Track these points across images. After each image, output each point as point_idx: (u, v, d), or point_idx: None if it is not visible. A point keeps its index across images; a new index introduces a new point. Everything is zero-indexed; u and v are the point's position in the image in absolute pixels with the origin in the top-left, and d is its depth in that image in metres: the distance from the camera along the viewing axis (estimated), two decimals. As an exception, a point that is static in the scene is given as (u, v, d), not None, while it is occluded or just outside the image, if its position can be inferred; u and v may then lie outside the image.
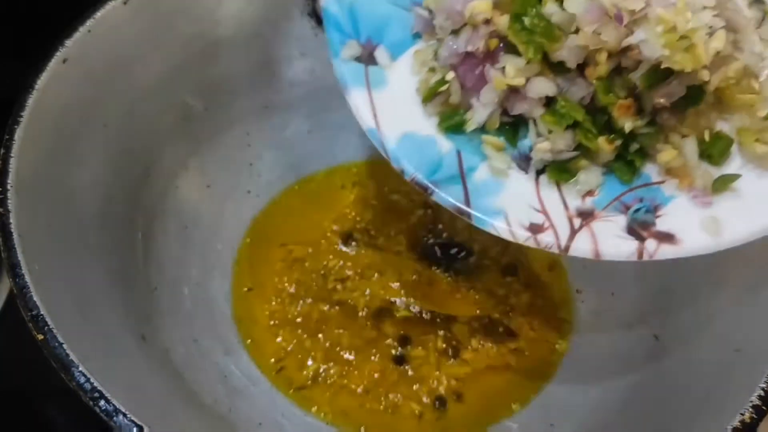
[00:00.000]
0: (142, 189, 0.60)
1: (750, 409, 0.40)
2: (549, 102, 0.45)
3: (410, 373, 0.60)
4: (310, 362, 0.60)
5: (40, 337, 0.39)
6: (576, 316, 0.63)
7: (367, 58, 0.50)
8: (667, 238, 0.44)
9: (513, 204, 0.46)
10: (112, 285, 0.51)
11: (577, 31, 0.41)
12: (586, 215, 0.46)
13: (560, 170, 0.46)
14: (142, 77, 0.57)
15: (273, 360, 0.60)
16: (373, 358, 0.60)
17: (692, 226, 0.43)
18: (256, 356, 0.60)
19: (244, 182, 0.69)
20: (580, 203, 0.46)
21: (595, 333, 0.61)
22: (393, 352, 0.60)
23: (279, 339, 0.61)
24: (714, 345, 0.48)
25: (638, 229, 0.44)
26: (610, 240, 0.44)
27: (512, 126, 0.47)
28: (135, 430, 0.37)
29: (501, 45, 0.45)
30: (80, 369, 0.38)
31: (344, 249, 0.66)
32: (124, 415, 0.38)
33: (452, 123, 0.48)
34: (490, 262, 0.66)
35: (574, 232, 0.45)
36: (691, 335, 0.51)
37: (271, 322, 0.62)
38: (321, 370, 0.59)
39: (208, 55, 0.62)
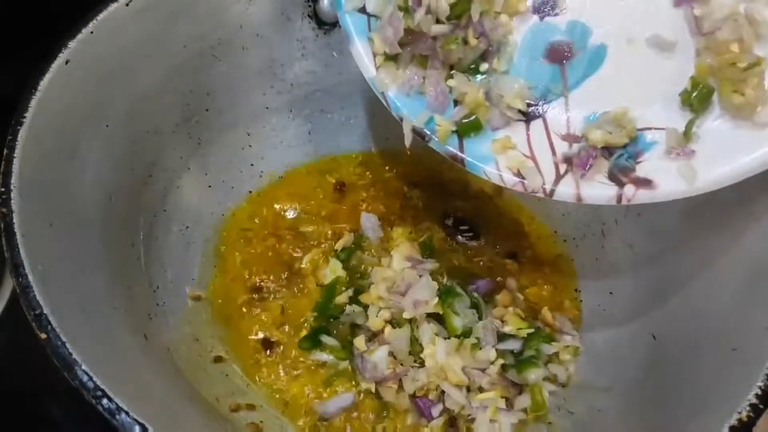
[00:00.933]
0: (144, 189, 0.60)
1: (747, 408, 0.40)
2: None
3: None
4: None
5: (43, 336, 0.39)
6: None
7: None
8: (644, 183, 0.46)
9: (504, 150, 0.49)
10: (114, 284, 0.52)
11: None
12: (572, 161, 0.48)
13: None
14: (144, 78, 0.57)
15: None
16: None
17: (669, 171, 0.46)
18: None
19: (246, 182, 0.69)
20: (567, 149, 0.49)
21: (593, 332, 0.61)
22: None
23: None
24: (711, 344, 0.48)
25: (619, 174, 0.47)
26: (591, 185, 0.47)
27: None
28: (137, 428, 0.38)
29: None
30: (83, 368, 0.39)
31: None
32: (127, 413, 0.38)
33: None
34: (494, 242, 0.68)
35: (558, 178, 0.48)
36: (689, 334, 0.51)
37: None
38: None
39: (210, 57, 0.62)
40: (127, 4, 0.53)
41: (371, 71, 0.51)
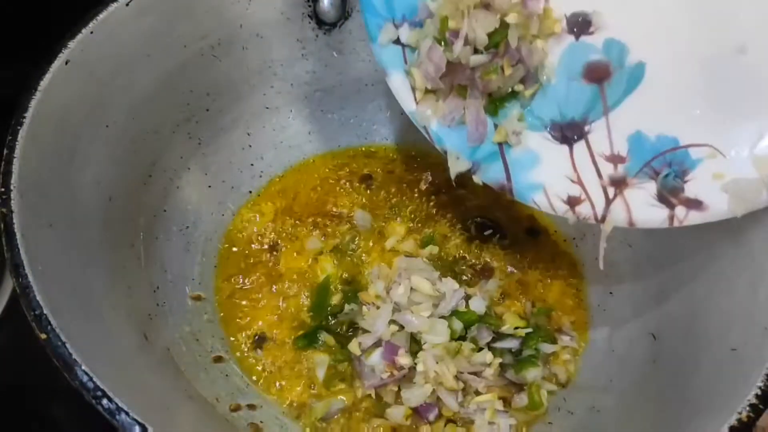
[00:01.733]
0: (144, 189, 0.60)
1: (747, 408, 0.40)
2: None
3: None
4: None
5: (43, 336, 0.39)
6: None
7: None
8: (695, 204, 0.46)
9: (551, 176, 0.50)
10: (114, 284, 0.52)
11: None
12: (619, 183, 0.48)
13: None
14: (144, 78, 0.57)
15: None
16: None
17: (717, 190, 0.46)
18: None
19: (246, 182, 0.69)
20: (613, 171, 0.49)
21: (593, 332, 0.61)
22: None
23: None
24: (711, 344, 0.48)
25: (668, 195, 0.47)
26: (642, 208, 0.47)
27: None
28: (137, 428, 0.38)
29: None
30: (83, 368, 0.39)
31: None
32: (127, 413, 0.38)
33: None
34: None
35: (609, 202, 0.48)
36: (689, 335, 0.51)
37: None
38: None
39: (210, 57, 0.62)
40: (127, 4, 0.53)
41: (411, 105, 0.51)
